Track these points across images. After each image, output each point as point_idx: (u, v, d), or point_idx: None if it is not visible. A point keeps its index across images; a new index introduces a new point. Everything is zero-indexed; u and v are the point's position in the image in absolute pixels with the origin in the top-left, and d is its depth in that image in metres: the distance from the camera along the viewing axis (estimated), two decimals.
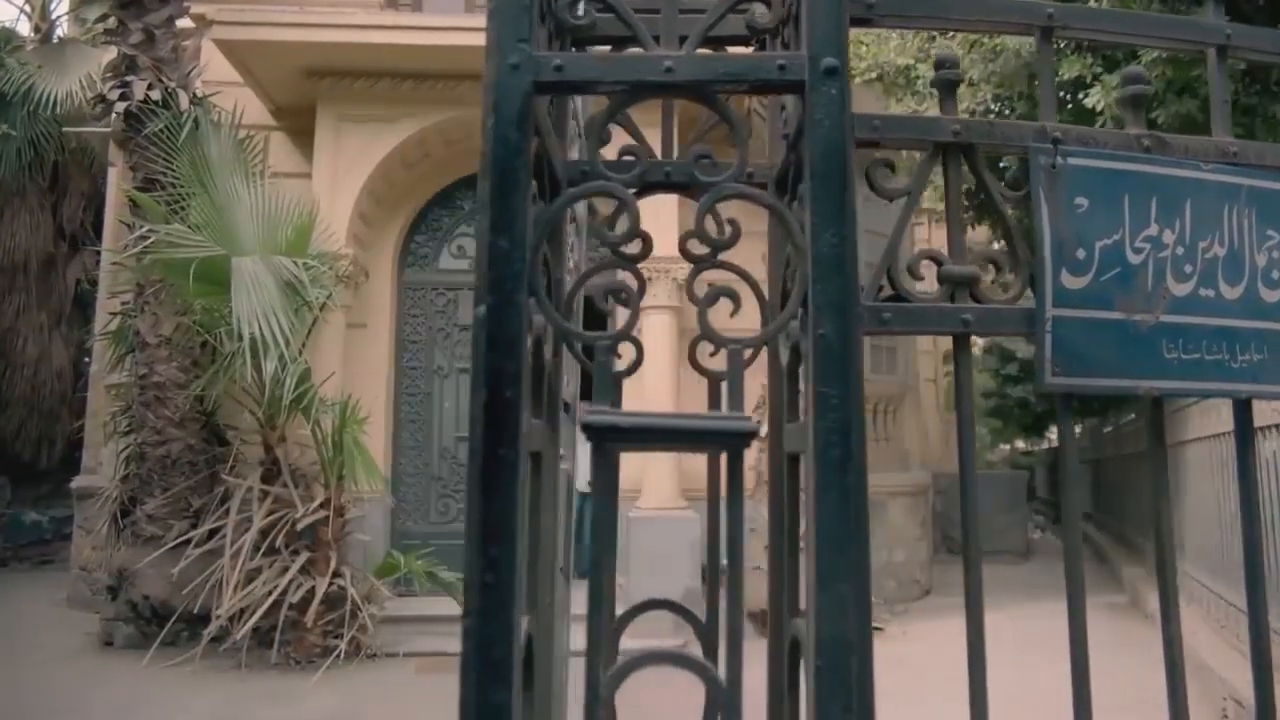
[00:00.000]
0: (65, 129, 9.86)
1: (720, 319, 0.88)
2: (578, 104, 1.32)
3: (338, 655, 5.44)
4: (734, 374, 0.82)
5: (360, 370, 6.79)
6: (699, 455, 1.02)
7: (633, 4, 0.88)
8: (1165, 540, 1.02)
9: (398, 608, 6.10)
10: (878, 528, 7.98)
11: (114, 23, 5.99)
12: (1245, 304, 1.05)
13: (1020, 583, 8.30)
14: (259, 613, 5.19)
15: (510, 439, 0.80)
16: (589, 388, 0.89)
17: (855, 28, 0.95)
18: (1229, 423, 1.08)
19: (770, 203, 0.84)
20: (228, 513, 5.74)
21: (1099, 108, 4.24)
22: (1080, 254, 1.03)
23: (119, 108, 5.72)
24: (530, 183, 0.84)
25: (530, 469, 0.84)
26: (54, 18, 11.88)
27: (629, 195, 0.85)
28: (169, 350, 5.94)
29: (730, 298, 0.87)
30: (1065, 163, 1.04)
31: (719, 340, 0.83)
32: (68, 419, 11.02)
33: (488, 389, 0.80)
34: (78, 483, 7.94)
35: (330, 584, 5.49)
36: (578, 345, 1.09)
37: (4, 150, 9.62)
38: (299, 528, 5.47)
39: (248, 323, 4.96)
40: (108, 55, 8.48)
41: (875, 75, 5.94)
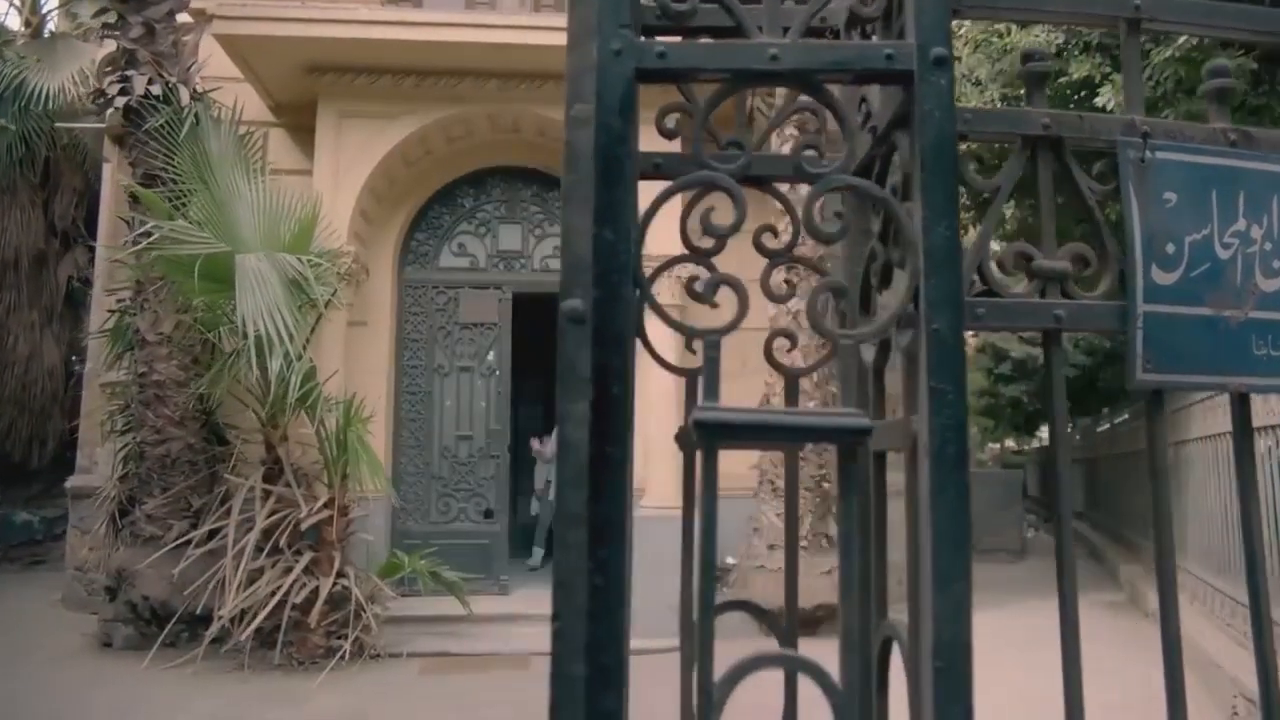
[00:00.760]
0: (57, 124, 9.74)
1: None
2: None
3: (342, 656, 5.39)
4: (846, 369, 0.80)
5: (361, 369, 6.75)
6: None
7: None
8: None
9: (400, 608, 6.06)
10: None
11: (114, 16, 5.90)
12: None
13: (1019, 581, 8.33)
14: (263, 613, 5.13)
15: (618, 437, 0.78)
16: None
17: None
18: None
19: (881, 195, 0.82)
20: (228, 512, 5.68)
21: (1109, 107, 4.25)
22: (1170, 249, 1.02)
23: (119, 102, 5.65)
24: (635, 172, 0.82)
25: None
26: (44, 12, 11.75)
27: (736, 187, 0.83)
28: (169, 348, 5.87)
29: (838, 293, 0.85)
30: (1154, 157, 1.02)
31: (832, 335, 0.81)
32: (59, 418, 10.89)
33: (595, 386, 0.78)
34: (72, 482, 7.84)
35: (334, 584, 5.44)
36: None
37: None
38: (303, 528, 5.42)
39: (252, 321, 4.90)
40: (101, 50, 8.40)
41: None
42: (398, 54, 6.42)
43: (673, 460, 6.31)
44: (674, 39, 0.87)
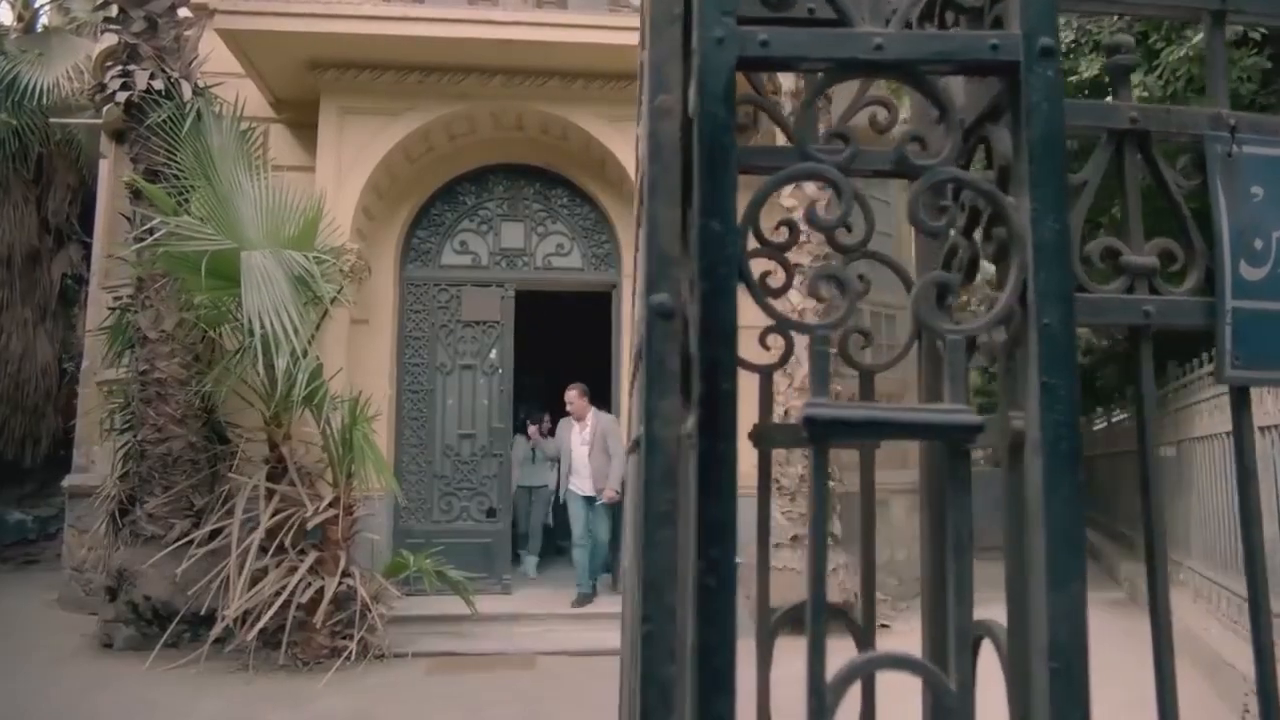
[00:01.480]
0: (52, 120, 9.63)
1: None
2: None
3: (348, 656, 5.36)
4: (955, 365, 0.79)
5: (363, 367, 6.71)
6: None
7: None
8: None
9: (404, 607, 6.02)
10: (879, 526, 7.99)
11: (115, 10, 5.83)
12: None
13: None
14: (268, 614, 5.08)
15: (728, 433, 0.76)
16: None
17: None
18: None
19: (987, 189, 0.81)
20: (231, 512, 5.63)
21: None
22: (1258, 244, 1.01)
23: (120, 97, 5.58)
24: (737, 163, 0.80)
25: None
26: (36, 6, 11.62)
27: (844, 179, 0.81)
28: (171, 346, 5.81)
29: (946, 288, 0.83)
30: (1240, 151, 1.01)
31: (939, 330, 0.79)
32: (53, 416, 10.79)
33: (705, 382, 0.76)
34: (69, 481, 7.77)
35: (339, 584, 5.40)
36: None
37: None
38: (309, 527, 5.37)
39: (259, 318, 4.85)
40: (98, 45, 8.31)
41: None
42: (401, 50, 6.37)
43: None
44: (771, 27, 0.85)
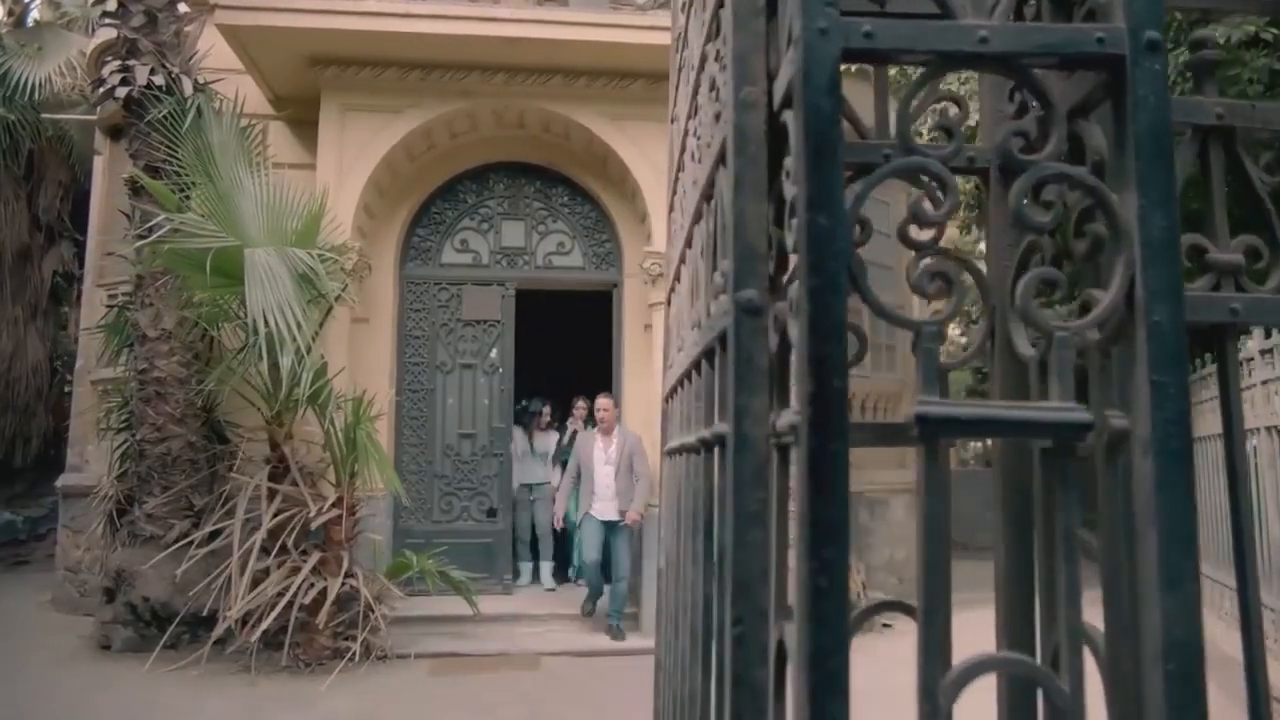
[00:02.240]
0: (43, 116, 9.52)
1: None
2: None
3: (351, 657, 5.32)
4: (1063, 362, 0.77)
5: (363, 366, 6.66)
6: None
7: None
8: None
9: (406, 608, 5.98)
10: (879, 525, 8.02)
11: (114, 4, 5.76)
12: None
13: None
14: (272, 614, 5.04)
15: (841, 432, 0.74)
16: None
17: None
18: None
19: (1095, 184, 0.79)
20: (231, 512, 5.58)
21: None
22: None
23: (120, 93, 5.51)
24: (843, 156, 0.79)
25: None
26: (27, 1, 11.49)
27: (948, 174, 0.80)
28: (170, 344, 5.75)
29: (1053, 285, 0.82)
30: None
31: (1047, 327, 0.78)
32: (43, 416, 10.68)
33: (814, 380, 0.75)
34: (63, 481, 7.67)
35: (342, 584, 5.36)
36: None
37: None
38: (313, 527, 5.33)
39: (263, 316, 4.80)
40: (91, 40, 8.22)
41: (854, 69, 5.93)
42: (403, 47, 6.33)
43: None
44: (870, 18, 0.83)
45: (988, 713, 1.04)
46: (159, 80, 5.60)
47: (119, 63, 5.64)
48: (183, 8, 6.04)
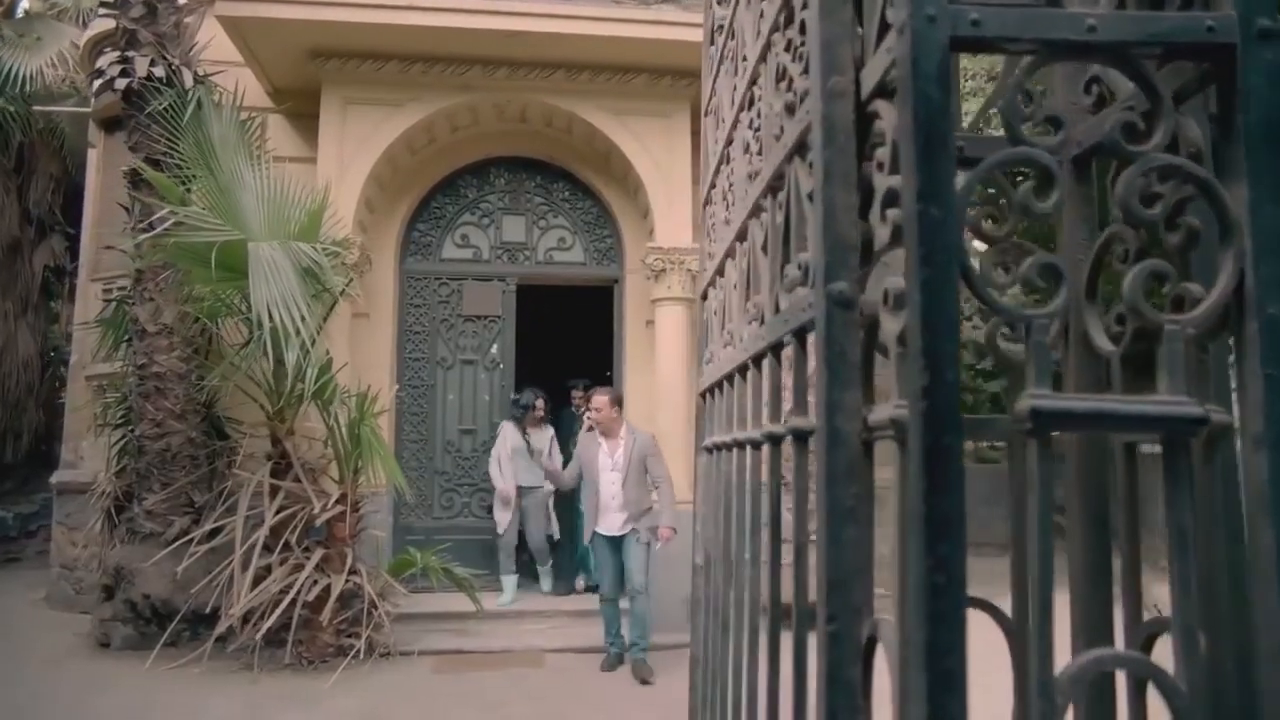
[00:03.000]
0: (35, 108, 9.40)
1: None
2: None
3: (355, 654, 5.28)
4: (1173, 356, 0.76)
5: (364, 361, 6.61)
6: None
7: None
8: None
9: (408, 605, 5.95)
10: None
11: None
12: None
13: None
14: (276, 612, 4.99)
15: (954, 426, 0.73)
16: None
17: None
18: None
19: (1203, 175, 0.78)
20: (231, 509, 5.53)
21: None
22: None
23: (119, 84, 5.44)
24: (954, 147, 0.77)
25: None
26: None
27: (1055, 164, 0.78)
28: (170, 339, 5.69)
29: (1161, 278, 0.81)
30: None
31: (1156, 321, 0.77)
32: (34, 411, 10.57)
33: (929, 373, 0.73)
34: (57, 477, 7.59)
35: (346, 581, 5.32)
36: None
37: None
38: (317, 523, 5.28)
39: (268, 311, 4.75)
40: (86, 32, 8.11)
41: None
42: (404, 39, 6.28)
43: (684, 453, 6.26)
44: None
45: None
46: (159, 72, 5.52)
47: (118, 54, 5.56)
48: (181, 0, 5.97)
